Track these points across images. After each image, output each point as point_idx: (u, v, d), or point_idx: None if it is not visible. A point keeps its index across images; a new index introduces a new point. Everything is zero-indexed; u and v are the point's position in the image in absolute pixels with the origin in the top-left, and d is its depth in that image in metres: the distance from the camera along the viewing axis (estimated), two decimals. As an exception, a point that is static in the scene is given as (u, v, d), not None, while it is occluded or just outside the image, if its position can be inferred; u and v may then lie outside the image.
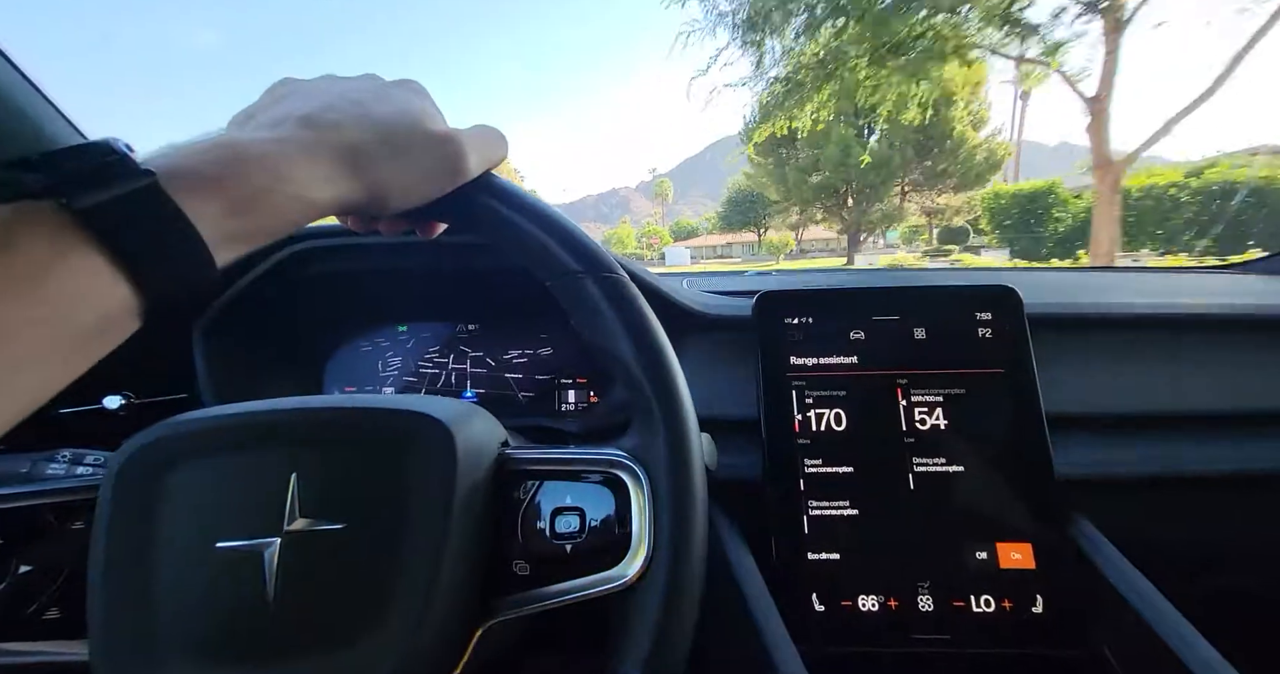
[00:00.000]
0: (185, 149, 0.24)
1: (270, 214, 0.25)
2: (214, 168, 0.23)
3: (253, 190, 0.24)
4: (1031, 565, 0.49)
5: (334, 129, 0.27)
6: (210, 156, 0.23)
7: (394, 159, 0.28)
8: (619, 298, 0.33)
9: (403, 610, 0.28)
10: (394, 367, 0.77)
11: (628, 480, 0.33)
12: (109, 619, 0.28)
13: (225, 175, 0.23)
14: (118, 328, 0.22)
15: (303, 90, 0.29)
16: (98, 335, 0.22)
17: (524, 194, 0.34)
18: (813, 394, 0.55)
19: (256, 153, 0.24)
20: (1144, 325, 0.59)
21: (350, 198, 0.27)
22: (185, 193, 0.22)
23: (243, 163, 0.24)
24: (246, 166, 0.24)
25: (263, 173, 0.24)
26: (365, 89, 0.30)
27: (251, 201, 0.24)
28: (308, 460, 0.31)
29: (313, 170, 0.25)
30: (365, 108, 0.28)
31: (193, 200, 0.22)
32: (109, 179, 0.21)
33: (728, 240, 56.41)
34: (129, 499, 0.30)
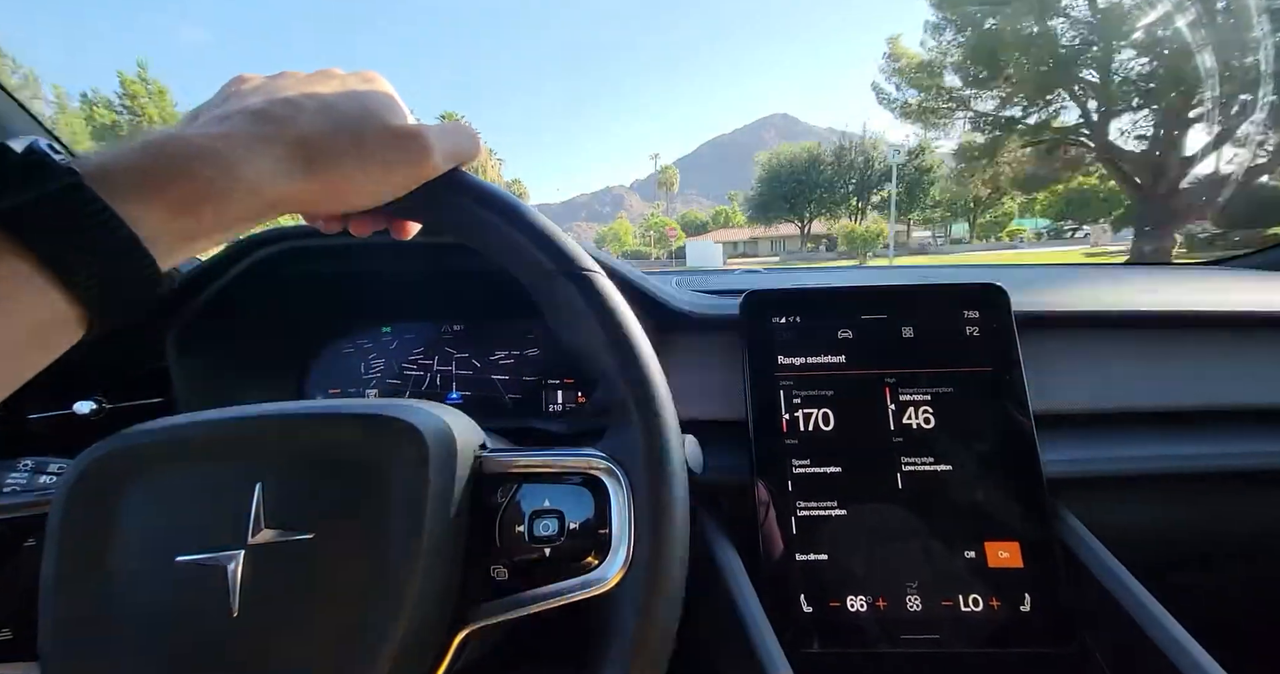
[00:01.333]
0: (120, 147, 0.22)
1: (219, 212, 0.23)
2: (152, 164, 0.22)
3: (198, 187, 0.22)
4: (1019, 564, 0.49)
5: (287, 122, 0.26)
6: (148, 153, 0.22)
7: (352, 153, 0.27)
8: (594, 296, 0.32)
9: (376, 621, 0.27)
10: (377, 369, 0.76)
11: (607, 481, 0.32)
12: (61, 640, 0.27)
13: (164, 172, 0.22)
14: (57, 337, 0.21)
15: (255, 85, 0.28)
16: (34, 346, 0.20)
17: (497, 190, 0.33)
18: (800, 394, 0.55)
19: (201, 147, 0.23)
20: (1131, 323, 0.59)
21: (306, 194, 0.26)
22: (119, 192, 0.21)
23: (185, 158, 0.23)
24: (190, 162, 0.23)
25: (208, 168, 0.23)
26: (322, 82, 0.29)
27: (197, 199, 0.22)
28: (273, 469, 0.30)
29: (264, 164, 0.24)
30: (321, 100, 0.27)
31: (127, 200, 0.21)
32: (26, 180, 0.19)
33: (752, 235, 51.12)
34: (82, 513, 0.28)
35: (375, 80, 0.30)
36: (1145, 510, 0.54)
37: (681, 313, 0.60)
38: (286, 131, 0.25)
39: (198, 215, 0.23)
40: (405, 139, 0.29)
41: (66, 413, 0.56)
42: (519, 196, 0.34)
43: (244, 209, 0.24)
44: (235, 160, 0.23)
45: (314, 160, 0.26)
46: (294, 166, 0.25)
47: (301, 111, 0.26)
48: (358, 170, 0.27)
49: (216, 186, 0.23)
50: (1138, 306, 0.59)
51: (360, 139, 0.27)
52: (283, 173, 0.25)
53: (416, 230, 0.37)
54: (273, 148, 0.25)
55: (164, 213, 0.22)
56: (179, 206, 0.22)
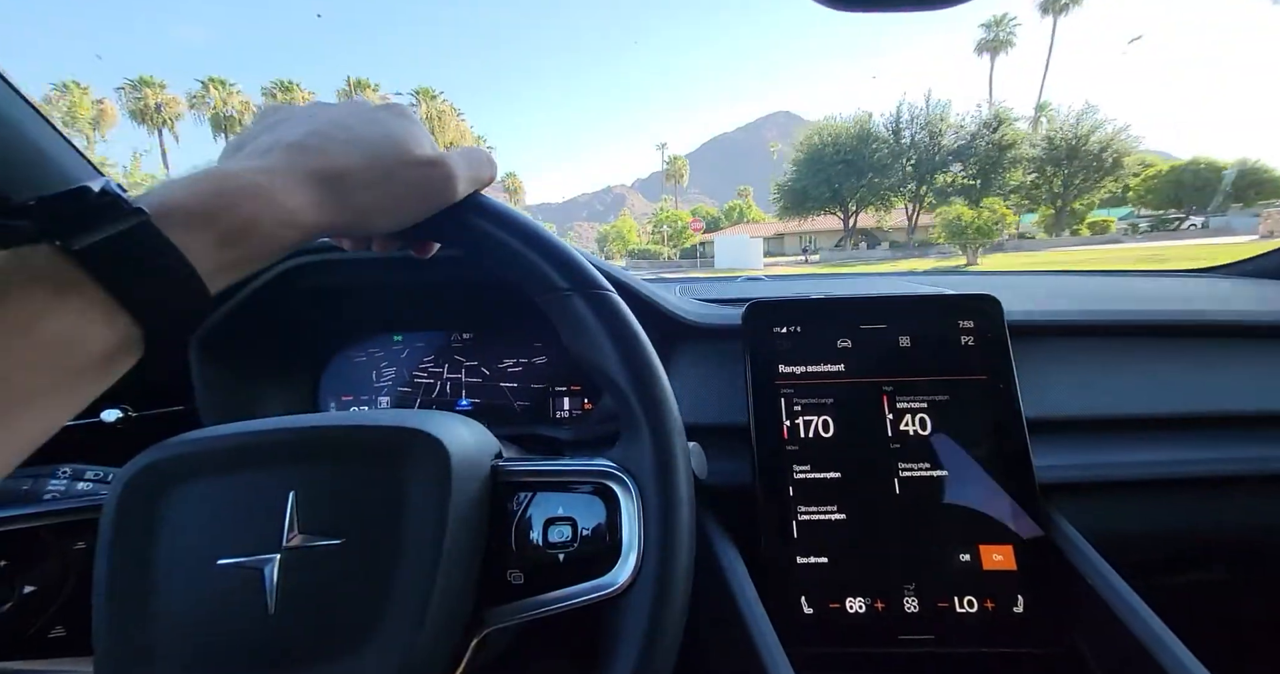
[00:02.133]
0: (175, 184, 0.24)
1: (260, 242, 0.25)
2: (203, 201, 0.24)
3: (242, 221, 0.25)
4: (1013, 567, 0.51)
5: (320, 154, 0.28)
6: (199, 189, 0.24)
7: (380, 183, 0.29)
8: (607, 314, 0.34)
9: (400, 621, 0.29)
10: (388, 377, 0.78)
11: (617, 490, 0.34)
12: (113, 636, 0.29)
13: (215, 207, 0.24)
14: (118, 362, 0.23)
15: (290, 117, 0.30)
16: (99, 371, 0.22)
17: (513, 213, 0.35)
18: (801, 401, 0.57)
19: (245, 183, 0.25)
20: (1122, 332, 0.61)
21: (338, 221, 0.28)
22: (177, 228, 0.23)
23: (232, 194, 0.25)
24: (236, 197, 0.25)
25: (251, 202, 0.25)
26: (351, 114, 0.31)
27: (242, 232, 0.25)
28: (305, 478, 0.32)
29: (300, 197, 0.26)
30: (352, 133, 0.29)
31: (184, 234, 0.23)
32: (102, 220, 0.21)
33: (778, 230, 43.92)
34: (131, 519, 0.30)
35: (401, 112, 0.32)
36: (1135, 514, 0.56)
37: (685, 322, 0.62)
38: (321, 164, 0.28)
39: (243, 246, 0.25)
40: (429, 167, 0.31)
41: (94, 421, 0.58)
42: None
43: (280, 239, 0.26)
44: (274, 193, 0.26)
45: (345, 191, 0.28)
46: (327, 197, 0.27)
47: (332, 143, 0.29)
48: (386, 198, 0.30)
49: (257, 219, 0.25)
50: (1129, 315, 0.61)
51: (389, 169, 0.29)
52: (317, 204, 0.27)
53: (435, 250, 0.39)
54: (308, 180, 0.27)
55: (212, 246, 0.24)
56: (224, 240, 0.24)
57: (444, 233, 0.35)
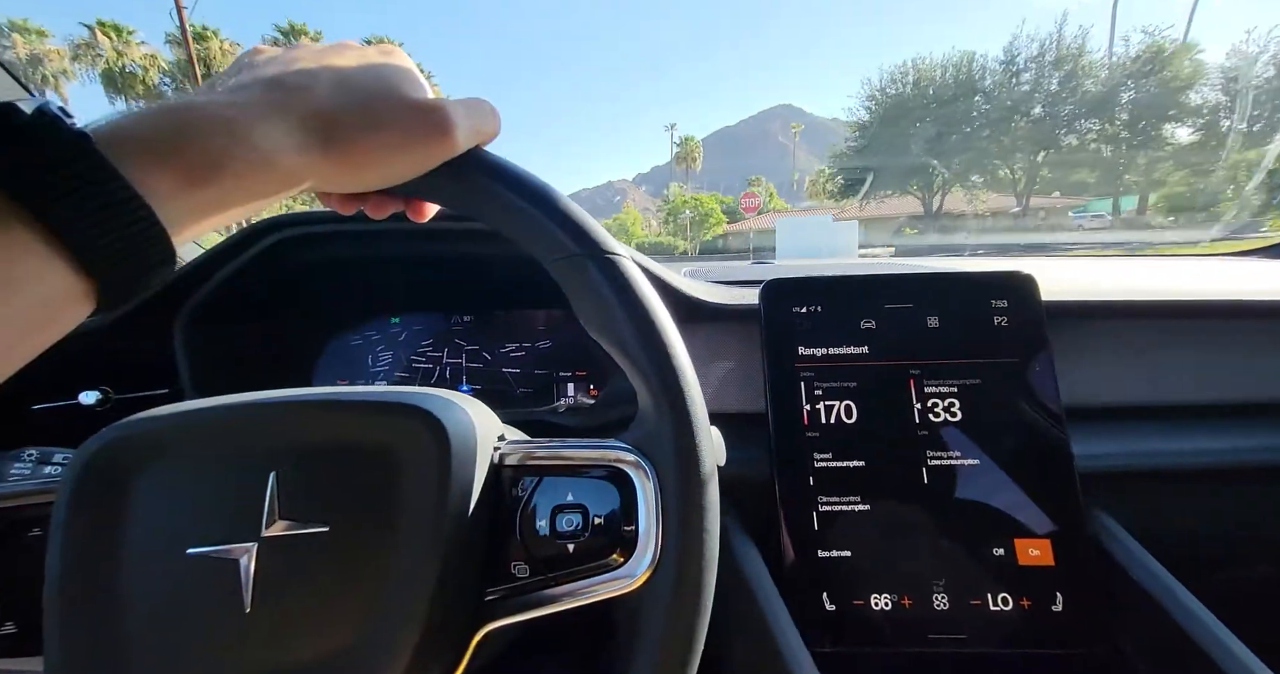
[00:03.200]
0: (131, 113, 0.21)
1: (232, 185, 0.22)
2: (164, 132, 0.21)
3: (211, 156, 0.21)
4: (1050, 562, 0.47)
5: (302, 92, 0.24)
6: (160, 120, 0.21)
7: (372, 127, 0.26)
8: (622, 280, 0.31)
9: (392, 618, 0.26)
10: (385, 361, 0.75)
11: (633, 475, 0.31)
12: (65, 635, 0.25)
13: (177, 139, 0.21)
14: (64, 313, 0.20)
15: (270, 56, 0.27)
16: (40, 322, 0.19)
17: (520, 170, 0.32)
18: (822, 386, 0.53)
19: (213, 115, 0.22)
20: (1165, 314, 0.57)
21: (323, 168, 0.25)
22: (130, 159, 0.19)
23: (198, 125, 0.21)
24: (201, 129, 0.21)
25: (221, 136, 0.21)
26: (339, 53, 0.27)
27: (210, 169, 0.21)
28: (286, 458, 0.28)
29: (278, 134, 0.23)
30: (338, 72, 0.26)
31: (139, 168, 0.19)
32: (35, 143, 0.18)
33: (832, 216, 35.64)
34: (89, 503, 0.27)
35: (394, 53, 0.29)
36: (1182, 507, 0.53)
37: (699, 302, 0.59)
38: (301, 101, 0.24)
39: (211, 185, 0.21)
40: (426, 113, 0.27)
41: (71, 403, 0.55)
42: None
43: (259, 182, 0.23)
44: (248, 128, 0.22)
45: (330, 133, 0.25)
46: (310, 139, 0.24)
47: (317, 82, 0.25)
48: (376, 145, 0.26)
49: (230, 154, 0.22)
50: (1173, 295, 0.57)
51: (378, 112, 0.26)
52: (298, 145, 0.24)
53: (433, 213, 0.36)
54: (287, 117, 0.23)
55: (176, 181, 0.20)
56: (191, 175, 0.21)
57: (441, 191, 0.32)
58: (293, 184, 0.25)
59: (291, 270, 0.61)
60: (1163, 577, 0.44)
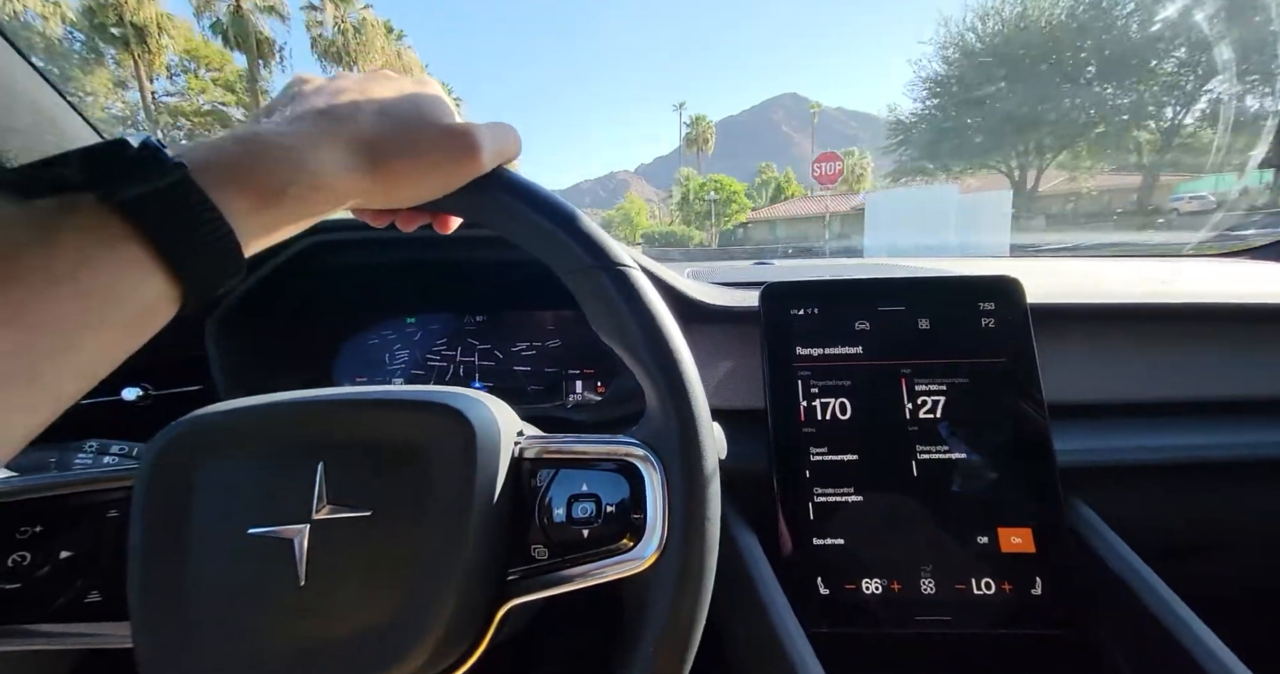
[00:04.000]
0: (212, 143, 0.24)
1: (293, 205, 0.25)
2: (239, 160, 0.24)
3: (277, 182, 0.24)
4: (1031, 549, 0.51)
5: (351, 121, 0.28)
6: (238, 149, 0.24)
7: (408, 150, 0.29)
8: (632, 291, 0.34)
9: (427, 594, 0.30)
10: (401, 359, 0.78)
11: (642, 468, 0.34)
12: (148, 603, 0.29)
13: (253, 168, 0.24)
14: (156, 316, 0.23)
15: (318, 85, 0.30)
16: (138, 324, 0.22)
17: (538, 188, 0.35)
18: (818, 384, 0.56)
19: (278, 145, 0.25)
20: (1145, 316, 0.60)
21: (367, 188, 0.28)
22: (216, 186, 0.22)
23: (266, 155, 0.25)
24: (270, 159, 0.25)
25: (285, 165, 0.25)
26: (378, 83, 0.31)
27: (276, 193, 0.24)
28: (333, 450, 0.32)
29: (331, 162, 0.26)
30: (380, 102, 0.29)
31: (222, 193, 0.23)
32: (145, 172, 0.21)
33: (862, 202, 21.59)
34: (164, 487, 0.31)
35: (427, 83, 0.32)
36: (1157, 500, 0.56)
37: (702, 305, 0.62)
38: (349, 130, 0.27)
39: (278, 206, 0.25)
40: (456, 138, 0.31)
41: (114, 399, 0.59)
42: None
43: (315, 202, 0.26)
44: (306, 156, 0.25)
45: (374, 157, 0.28)
46: (356, 162, 0.27)
47: (361, 112, 0.28)
48: (413, 166, 0.29)
49: (292, 180, 0.25)
50: (1152, 298, 0.60)
51: (415, 138, 0.29)
52: (346, 168, 0.27)
53: (457, 225, 0.39)
54: (337, 145, 0.27)
55: (250, 203, 0.24)
56: (261, 198, 0.24)
57: (469, 207, 0.35)
58: (341, 202, 0.28)
59: (316, 274, 0.64)
60: (1137, 565, 0.47)
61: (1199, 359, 0.58)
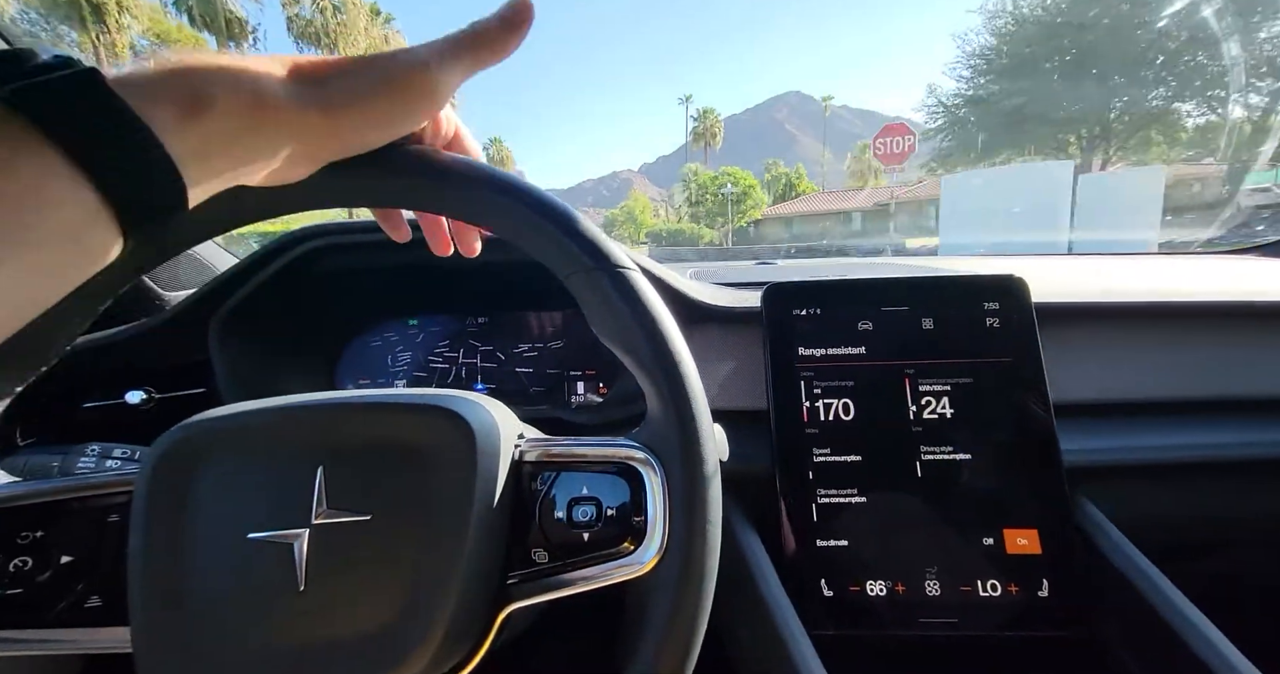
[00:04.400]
0: (131, 63, 0.23)
1: (225, 119, 0.23)
2: (160, 72, 0.22)
3: (201, 89, 0.22)
4: (1038, 551, 0.50)
5: (293, 57, 0.26)
6: (158, 64, 0.22)
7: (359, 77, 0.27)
8: (632, 293, 0.34)
9: (428, 598, 0.29)
10: (404, 361, 0.78)
11: (643, 471, 0.34)
12: (147, 607, 0.29)
13: (171, 77, 0.22)
14: (92, 238, 0.21)
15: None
16: (70, 245, 0.20)
17: (535, 190, 0.35)
18: (821, 384, 0.56)
19: (212, 61, 0.23)
20: (1150, 315, 0.59)
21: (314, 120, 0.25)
22: (132, 94, 0.20)
23: (197, 66, 0.23)
24: (196, 70, 0.23)
25: (213, 74, 0.23)
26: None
27: (202, 102, 0.22)
28: (332, 454, 0.32)
29: (270, 78, 0.24)
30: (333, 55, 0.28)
31: (141, 101, 0.20)
32: (52, 76, 0.20)
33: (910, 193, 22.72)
34: (164, 492, 0.31)
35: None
36: (1164, 499, 0.55)
37: (704, 306, 0.62)
38: (292, 60, 0.26)
39: (205, 118, 0.22)
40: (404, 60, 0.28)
41: (118, 402, 0.59)
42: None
43: (255, 118, 0.24)
44: (238, 71, 0.24)
45: (320, 81, 0.26)
46: (299, 84, 0.25)
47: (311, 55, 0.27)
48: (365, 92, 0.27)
49: (221, 89, 0.23)
50: (1157, 297, 0.59)
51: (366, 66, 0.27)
52: (287, 89, 0.25)
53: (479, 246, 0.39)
54: (277, 67, 0.25)
55: (172, 111, 0.21)
56: (185, 106, 0.22)
57: (465, 208, 0.35)
58: (286, 132, 0.25)
59: (318, 277, 0.64)
60: (1144, 566, 0.47)
61: (1205, 357, 0.58)
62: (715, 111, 58.55)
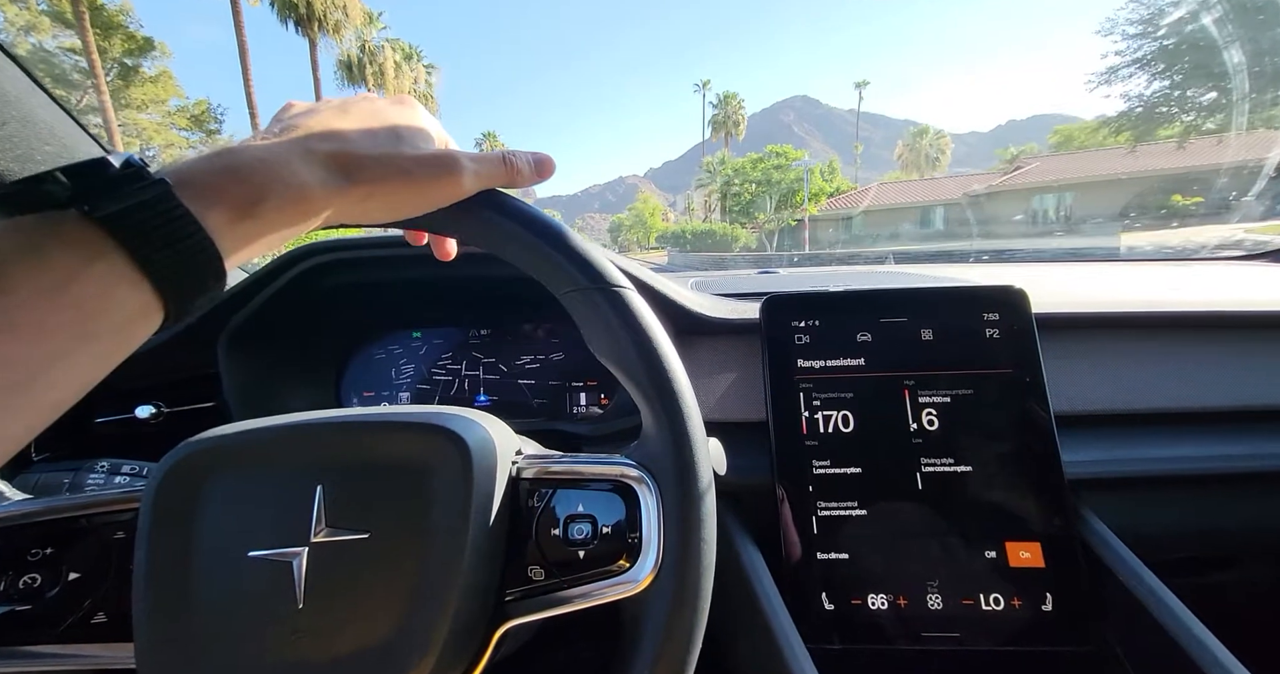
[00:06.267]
0: (191, 160, 0.25)
1: (272, 216, 0.26)
2: (216, 174, 0.25)
3: (254, 193, 0.25)
4: (1041, 564, 0.50)
5: (329, 139, 0.28)
6: (213, 164, 0.25)
7: (385, 169, 0.30)
8: (627, 312, 0.34)
9: (425, 614, 0.30)
10: (408, 374, 0.79)
11: (638, 489, 0.34)
12: (153, 624, 0.30)
13: (227, 180, 0.25)
14: (140, 328, 0.23)
15: (302, 109, 0.31)
16: (125, 334, 0.23)
17: (533, 210, 0.36)
18: (820, 396, 0.56)
19: (254, 158, 0.26)
20: (1150, 325, 0.59)
21: (342, 203, 0.29)
22: (195, 199, 0.23)
23: (246, 169, 0.25)
24: (250, 172, 0.25)
25: (264, 177, 0.25)
26: (358, 106, 0.32)
27: (253, 204, 0.25)
28: (331, 473, 0.32)
29: (307, 173, 0.27)
30: (361, 121, 0.30)
31: (201, 205, 0.23)
32: (126, 188, 0.22)
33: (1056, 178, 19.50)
34: (168, 510, 0.31)
35: (406, 102, 0.33)
36: (1168, 511, 0.54)
37: (702, 318, 0.62)
38: (327, 147, 0.28)
39: (255, 218, 0.25)
40: (436, 161, 0.31)
41: (128, 417, 0.60)
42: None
43: (292, 213, 0.27)
44: (284, 170, 0.26)
45: (351, 173, 0.29)
46: (333, 177, 0.28)
47: (340, 132, 0.29)
48: (389, 184, 0.30)
49: (269, 192, 0.26)
50: (1160, 307, 0.59)
51: (393, 157, 0.30)
52: (324, 182, 0.28)
53: (455, 252, 0.40)
54: (314, 159, 0.28)
55: (228, 215, 0.24)
56: (238, 212, 0.25)
57: (458, 228, 0.36)
58: (319, 215, 0.28)
59: (322, 292, 0.65)
60: (1148, 579, 0.46)
61: (1210, 368, 0.57)
62: (738, 96, 51.40)
